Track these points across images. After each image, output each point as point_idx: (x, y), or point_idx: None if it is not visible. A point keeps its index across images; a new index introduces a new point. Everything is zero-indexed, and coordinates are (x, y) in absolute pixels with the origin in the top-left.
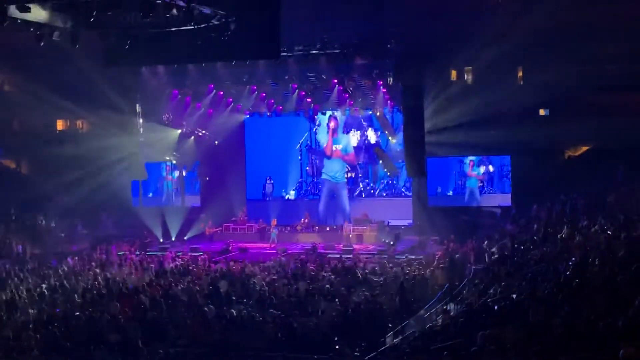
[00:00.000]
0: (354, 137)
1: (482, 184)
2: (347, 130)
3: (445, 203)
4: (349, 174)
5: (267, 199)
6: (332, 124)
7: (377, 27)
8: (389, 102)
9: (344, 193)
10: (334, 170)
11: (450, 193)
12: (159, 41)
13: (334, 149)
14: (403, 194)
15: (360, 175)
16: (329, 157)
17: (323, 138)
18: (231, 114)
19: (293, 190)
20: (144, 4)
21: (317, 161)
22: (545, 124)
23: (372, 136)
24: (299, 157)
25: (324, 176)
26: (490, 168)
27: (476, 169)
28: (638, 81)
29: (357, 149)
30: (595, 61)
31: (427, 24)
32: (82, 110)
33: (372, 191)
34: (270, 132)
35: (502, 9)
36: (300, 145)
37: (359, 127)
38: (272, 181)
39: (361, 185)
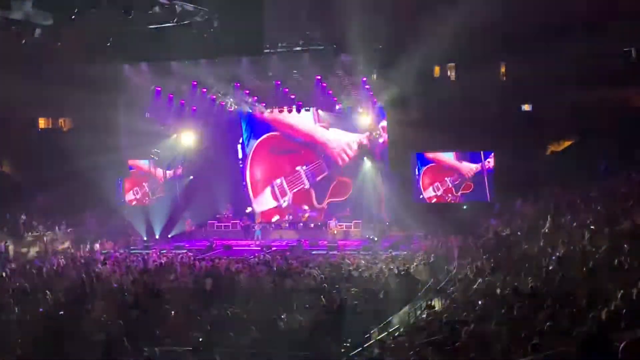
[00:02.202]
0: (337, 134)
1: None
2: (334, 126)
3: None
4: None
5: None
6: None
7: (361, 25)
8: (373, 98)
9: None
10: None
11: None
12: (141, 38)
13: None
14: (388, 190)
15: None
16: None
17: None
18: (215, 111)
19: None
20: (126, 1)
21: None
22: (528, 119)
23: (356, 132)
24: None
25: None
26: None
27: None
28: (621, 77)
29: (341, 144)
30: (577, 57)
31: (410, 19)
32: (64, 109)
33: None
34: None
35: (484, 4)
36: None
37: (343, 123)
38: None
39: None
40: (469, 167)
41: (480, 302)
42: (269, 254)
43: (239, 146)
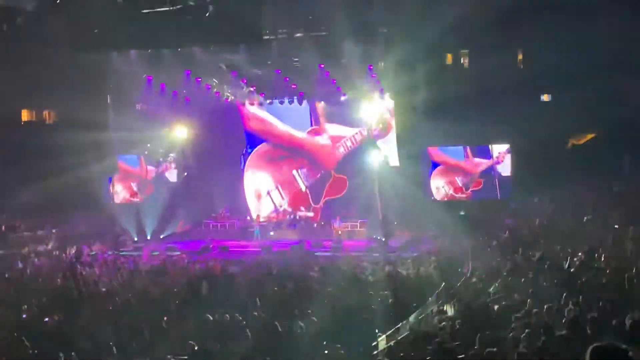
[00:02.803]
0: (342, 126)
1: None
2: (334, 118)
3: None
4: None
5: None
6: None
7: (367, 8)
8: (380, 88)
9: None
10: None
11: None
12: (130, 24)
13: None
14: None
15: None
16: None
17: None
18: (210, 102)
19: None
20: None
21: None
22: (547, 110)
23: (361, 125)
24: None
25: None
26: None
27: None
28: None
29: (346, 137)
30: (600, 43)
31: (420, 2)
32: (48, 100)
33: None
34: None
35: None
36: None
37: (347, 115)
38: None
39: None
40: (478, 163)
41: (496, 307)
42: (269, 255)
43: (242, 157)
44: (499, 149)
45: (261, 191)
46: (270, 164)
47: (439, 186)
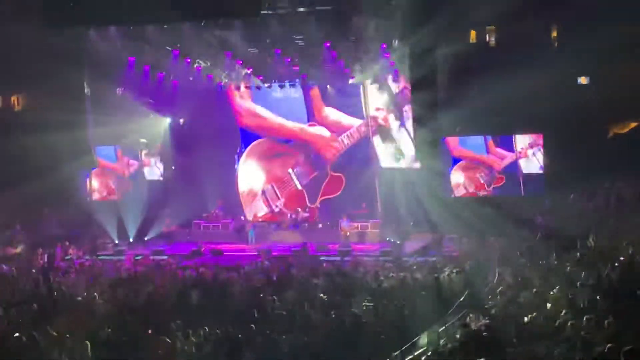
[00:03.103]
0: (338, 116)
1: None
2: (342, 104)
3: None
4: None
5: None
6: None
7: None
8: (393, 70)
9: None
10: None
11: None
12: None
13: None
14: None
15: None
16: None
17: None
18: (201, 86)
19: None
20: None
21: None
22: (585, 95)
23: (373, 111)
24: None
25: None
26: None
27: None
28: None
29: (351, 130)
30: None
31: None
32: (17, 84)
33: None
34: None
35: None
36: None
37: (356, 101)
38: None
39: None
40: (501, 156)
41: (526, 319)
42: (268, 260)
43: (236, 156)
44: (522, 142)
45: (256, 190)
46: (264, 162)
47: (459, 183)
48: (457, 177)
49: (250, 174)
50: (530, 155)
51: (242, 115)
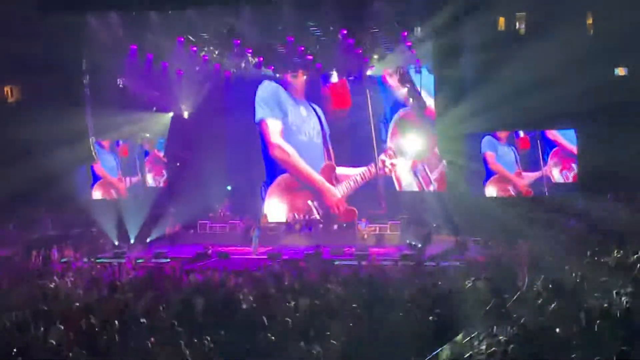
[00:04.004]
0: (350, 167)
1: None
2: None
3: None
4: None
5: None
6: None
7: None
8: (416, 59)
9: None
10: None
11: None
12: None
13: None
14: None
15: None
16: None
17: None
18: (208, 76)
19: None
20: None
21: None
22: (622, 87)
23: (391, 105)
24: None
25: None
26: None
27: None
28: None
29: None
30: None
31: None
32: (10, 74)
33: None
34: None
35: None
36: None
37: (374, 94)
38: None
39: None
40: (526, 178)
41: (558, 330)
42: (279, 264)
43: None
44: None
45: (280, 219)
46: (288, 194)
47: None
48: (491, 190)
49: (275, 206)
50: (556, 174)
51: (273, 146)
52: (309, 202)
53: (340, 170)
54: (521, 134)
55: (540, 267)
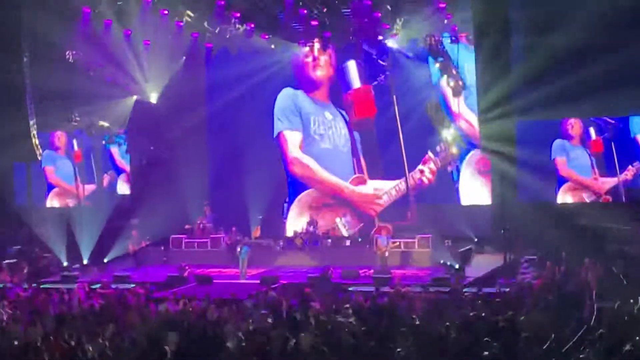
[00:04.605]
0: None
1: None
2: (375, 74)
3: (547, 197)
4: None
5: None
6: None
7: None
8: (451, 27)
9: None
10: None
11: None
12: None
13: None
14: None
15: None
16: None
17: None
18: (183, 49)
19: None
20: None
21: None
22: None
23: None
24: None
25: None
26: None
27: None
28: None
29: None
30: None
31: None
32: None
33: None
34: (249, 81)
35: None
36: None
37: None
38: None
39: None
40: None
41: None
42: (275, 290)
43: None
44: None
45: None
46: (312, 212)
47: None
48: (565, 198)
49: (298, 223)
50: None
51: (291, 163)
52: (337, 219)
53: (373, 185)
54: (592, 135)
55: (612, 294)
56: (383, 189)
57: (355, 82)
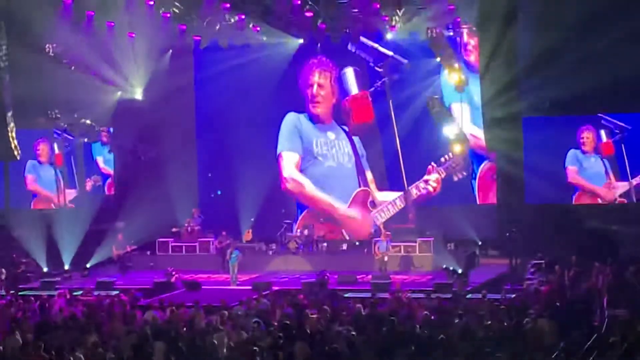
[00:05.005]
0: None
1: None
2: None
3: (554, 199)
4: None
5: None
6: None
7: None
8: (454, 18)
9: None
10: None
11: None
12: None
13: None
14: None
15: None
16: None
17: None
18: (170, 42)
19: None
20: None
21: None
22: None
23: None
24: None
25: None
26: None
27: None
28: None
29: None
30: None
31: None
32: None
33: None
34: (239, 76)
35: None
36: None
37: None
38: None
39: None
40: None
41: None
42: (267, 297)
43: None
44: None
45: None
46: (319, 225)
47: None
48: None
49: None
50: None
51: (287, 181)
52: (343, 231)
53: (381, 196)
54: (604, 137)
55: (624, 300)
56: (378, 207)
57: (353, 88)
